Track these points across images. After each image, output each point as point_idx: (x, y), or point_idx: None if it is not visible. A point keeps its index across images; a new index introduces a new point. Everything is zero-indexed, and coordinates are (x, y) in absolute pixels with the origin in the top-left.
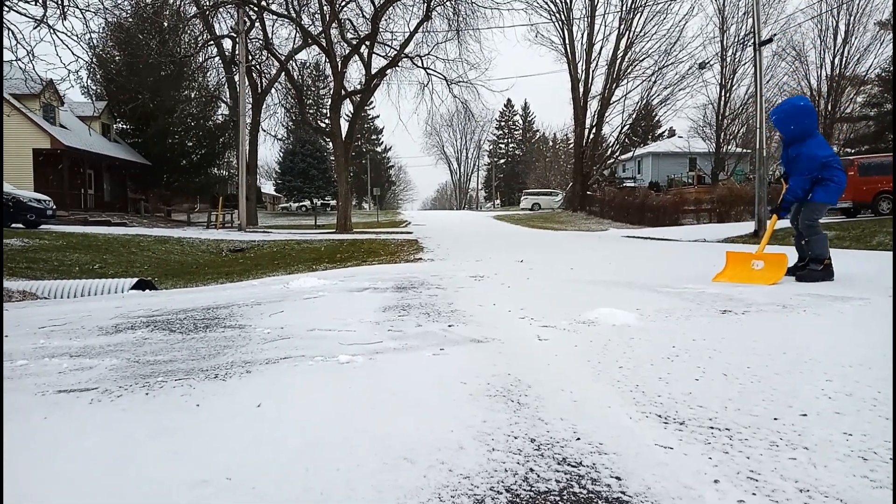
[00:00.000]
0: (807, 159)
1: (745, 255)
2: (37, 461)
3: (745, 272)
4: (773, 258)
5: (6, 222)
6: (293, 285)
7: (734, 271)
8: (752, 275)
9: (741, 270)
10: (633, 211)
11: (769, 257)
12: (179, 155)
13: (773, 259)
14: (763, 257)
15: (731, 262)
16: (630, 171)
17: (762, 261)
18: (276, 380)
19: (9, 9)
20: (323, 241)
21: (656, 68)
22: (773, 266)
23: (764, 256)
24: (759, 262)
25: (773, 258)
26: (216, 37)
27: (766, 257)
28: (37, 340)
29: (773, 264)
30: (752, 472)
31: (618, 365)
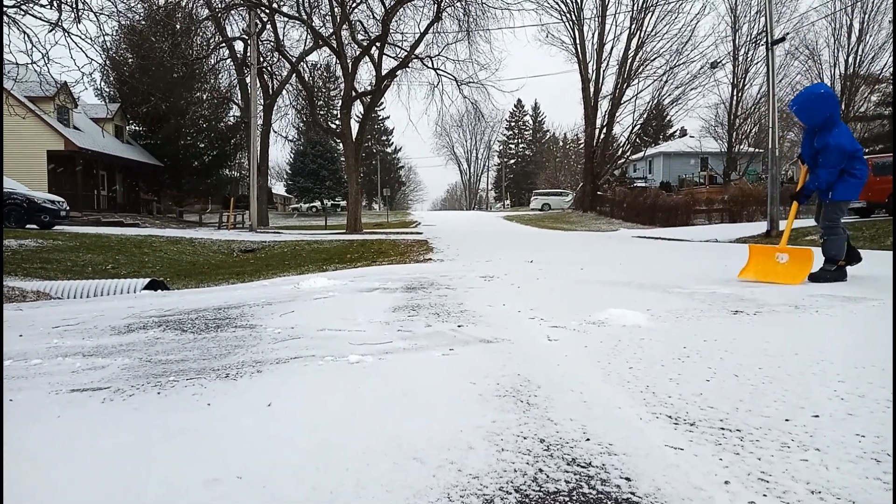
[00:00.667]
0: (835, 151)
1: (768, 248)
2: (51, 459)
3: (770, 266)
4: (798, 253)
5: (21, 223)
6: (304, 285)
7: (758, 266)
8: (777, 269)
9: (766, 265)
10: (644, 211)
11: (794, 252)
12: (191, 156)
13: (799, 254)
14: (787, 251)
15: (755, 256)
16: (641, 171)
17: (787, 254)
18: (286, 379)
19: (24, 13)
20: (333, 241)
21: (668, 68)
22: (799, 261)
23: (788, 250)
24: (784, 256)
25: (799, 253)
26: (228, 39)
27: (790, 251)
28: (50, 340)
29: (799, 259)
30: (763, 474)
31: (628, 366)
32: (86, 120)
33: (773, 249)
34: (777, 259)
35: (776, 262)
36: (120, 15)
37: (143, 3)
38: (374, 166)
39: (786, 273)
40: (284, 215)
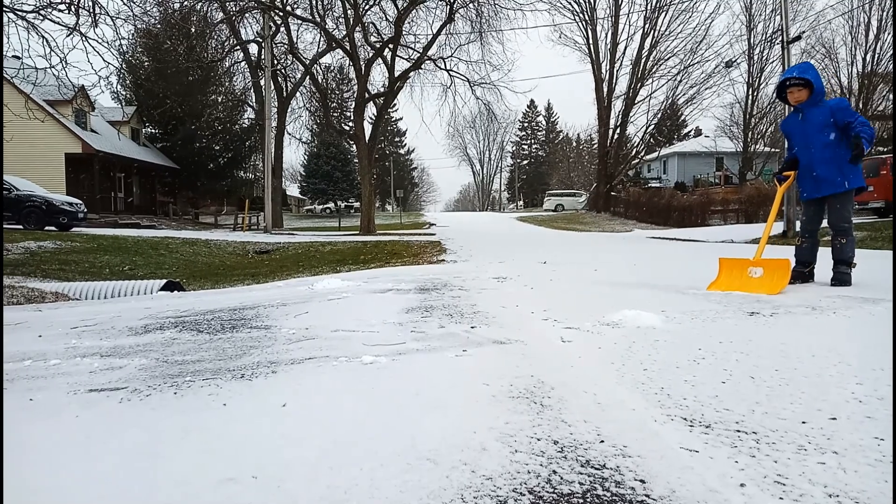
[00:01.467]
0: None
1: (740, 261)
2: (69, 458)
3: (742, 280)
4: (773, 264)
5: (40, 225)
6: (318, 287)
7: (730, 279)
8: (749, 283)
9: (737, 278)
10: (659, 212)
11: (769, 263)
12: (207, 158)
13: (775, 265)
14: (762, 263)
15: (725, 270)
16: (655, 171)
17: (760, 268)
18: (300, 380)
19: (43, 17)
20: (347, 242)
21: (682, 67)
22: (775, 273)
23: (763, 263)
24: (758, 270)
25: (774, 264)
26: (242, 42)
27: (765, 263)
28: (69, 340)
29: (775, 271)
30: (780, 477)
31: (642, 367)
32: (103, 123)
33: (746, 263)
34: (749, 273)
35: (748, 277)
36: (136, 19)
37: (158, 6)
38: (387, 167)
39: (760, 285)
40: (298, 217)
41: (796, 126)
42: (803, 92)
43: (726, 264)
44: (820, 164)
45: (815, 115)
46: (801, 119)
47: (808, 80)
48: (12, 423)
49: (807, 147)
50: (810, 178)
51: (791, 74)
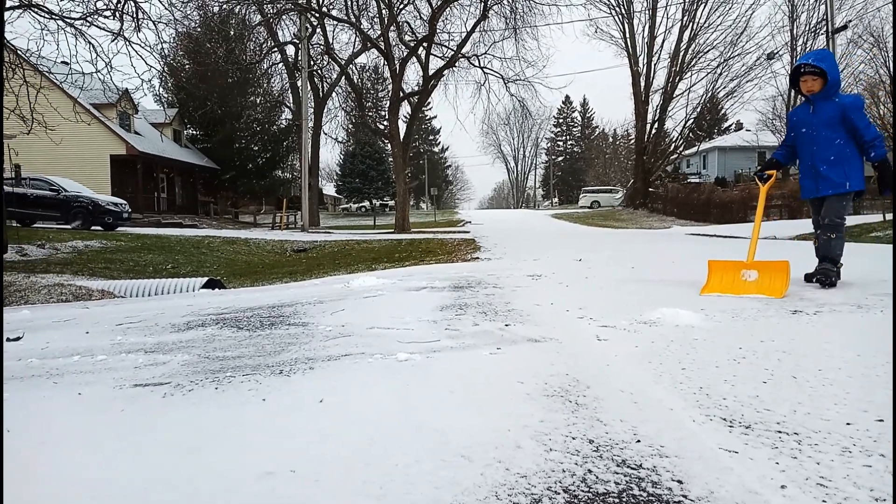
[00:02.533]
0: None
1: (732, 263)
2: (115, 450)
3: (735, 283)
4: (771, 267)
5: (87, 225)
6: (353, 284)
7: (722, 282)
8: (745, 286)
9: (729, 281)
10: (698, 208)
11: (765, 266)
12: (246, 158)
13: (773, 268)
14: (756, 266)
15: (716, 273)
16: (695, 166)
17: (755, 270)
18: (337, 376)
19: (90, 24)
20: (382, 241)
21: (722, 60)
22: (774, 275)
23: (758, 265)
24: (752, 273)
25: (772, 267)
26: (280, 44)
27: (760, 266)
28: (114, 337)
29: (773, 273)
30: (823, 479)
31: (681, 366)
32: (146, 125)
33: (739, 265)
34: (742, 277)
35: (741, 281)
36: (177, 23)
37: (198, 10)
38: (421, 166)
39: (759, 287)
40: (334, 215)
41: (805, 118)
42: (817, 82)
43: (717, 267)
44: (823, 162)
45: (826, 109)
46: (812, 111)
47: (822, 70)
48: (63, 416)
49: (811, 143)
50: (812, 177)
51: (806, 60)
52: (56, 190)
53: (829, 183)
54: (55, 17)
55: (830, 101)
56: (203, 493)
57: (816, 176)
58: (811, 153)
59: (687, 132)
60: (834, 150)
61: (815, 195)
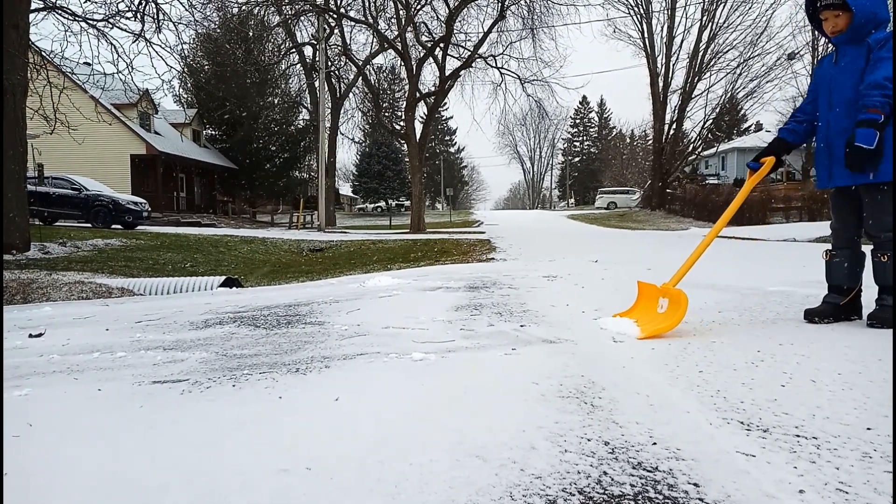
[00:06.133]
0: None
1: (653, 288)
2: (135, 447)
3: (650, 314)
4: (674, 296)
5: (107, 224)
6: (369, 284)
7: (642, 311)
8: (655, 318)
9: (648, 311)
10: (716, 209)
11: (672, 295)
12: (264, 159)
13: (674, 298)
14: (668, 293)
15: (643, 296)
16: (713, 167)
17: (667, 298)
18: (352, 375)
19: (112, 25)
20: (397, 240)
21: (741, 60)
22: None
23: (669, 293)
24: (665, 301)
25: (674, 297)
26: (298, 45)
27: (670, 294)
28: (133, 334)
29: (672, 304)
30: (842, 484)
31: (697, 369)
32: (165, 125)
33: (656, 293)
34: (658, 307)
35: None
36: (197, 24)
37: (218, 11)
38: (437, 166)
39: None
40: (351, 215)
41: (827, 72)
42: (842, 18)
43: (644, 291)
44: (839, 135)
45: (852, 57)
46: (835, 62)
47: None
48: (83, 411)
49: (829, 106)
50: (825, 157)
51: None
52: (77, 189)
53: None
54: (78, 19)
55: (857, 46)
56: (220, 489)
57: (830, 157)
58: (826, 123)
59: (705, 133)
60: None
61: (828, 184)
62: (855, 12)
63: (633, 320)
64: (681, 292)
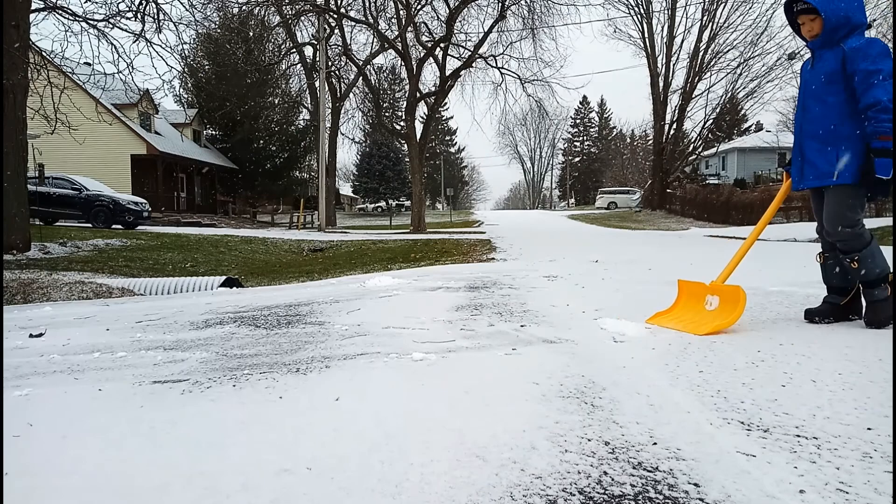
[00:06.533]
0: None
1: (699, 286)
2: (135, 447)
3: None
4: (728, 293)
5: (108, 224)
6: (369, 284)
7: (684, 310)
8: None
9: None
10: (717, 209)
11: (725, 291)
12: (264, 159)
13: (728, 295)
14: (719, 291)
15: (684, 296)
16: (713, 167)
17: (717, 295)
18: (353, 375)
19: (112, 25)
20: (398, 241)
21: (742, 60)
22: (726, 305)
23: (720, 290)
24: (714, 299)
25: (729, 293)
26: (298, 45)
27: (722, 291)
28: (134, 334)
29: (727, 302)
30: (843, 484)
31: (698, 369)
32: (166, 125)
33: (704, 290)
34: (705, 304)
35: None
36: (197, 24)
37: (218, 12)
38: (437, 166)
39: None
40: (351, 215)
41: (803, 78)
42: (816, 23)
43: (686, 290)
44: (810, 137)
45: (825, 60)
46: (811, 66)
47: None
48: (84, 411)
49: (802, 109)
50: (798, 159)
51: None
52: (78, 189)
53: (812, 170)
54: (79, 19)
55: (832, 49)
56: (221, 489)
57: (801, 157)
58: (800, 126)
59: (706, 133)
60: (823, 120)
61: (798, 186)
62: (825, 17)
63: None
64: (738, 288)
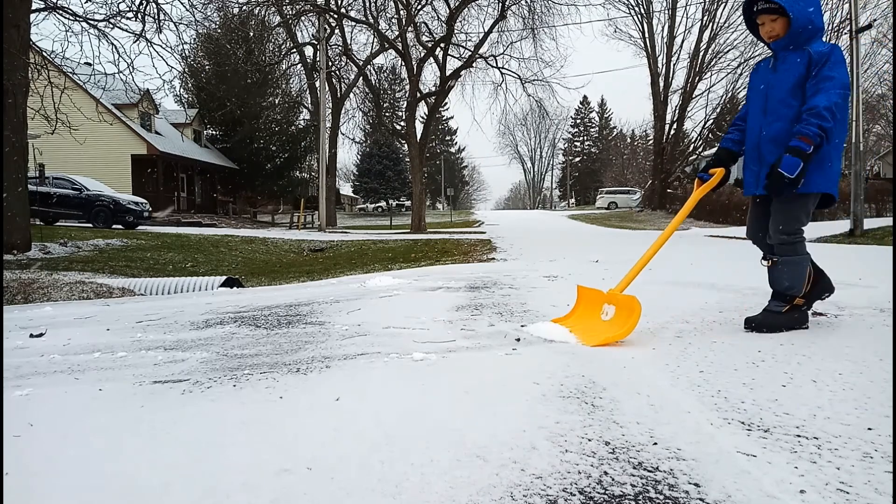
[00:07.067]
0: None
1: (597, 294)
2: (136, 447)
3: (592, 322)
4: (623, 303)
5: (108, 224)
6: (369, 284)
7: (580, 318)
8: (597, 327)
9: (588, 319)
10: (718, 209)
11: (621, 301)
12: (264, 159)
13: (623, 304)
14: (615, 300)
15: (582, 304)
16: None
17: (613, 305)
18: (353, 375)
19: (113, 25)
20: (398, 241)
21: (742, 60)
22: (620, 315)
23: (616, 299)
24: (611, 308)
25: (624, 303)
26: (298, 45)
27: (618, 301)
28: (134, 334)
29: (623, 311)
30: (843, 484)
31: (698, 369)
32: (166, 125)
33: (602, 298)
34: (602, 314)
35: (599, 320)
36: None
37: (218, 12)
38: (438, 166)
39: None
40: (351, 215)
41: (763, 76)
42: (778, 22)
43: (584, 296)
44: (770, 142)
45: (791, 63)
46: (772, 67)
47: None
48: (85, 411)
49: (762, 112)
50: (755, 163)
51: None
52: (78, 189)
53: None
54: (79, 19)
55: (797, 52)
56: (221, 489)
57: (760, 162)
58: (759, 128)
59: (706, 133)
60: (787, 123)
61: (754, 191)
62: (793, 17)
63: (568, 328)
64: (633, 299)
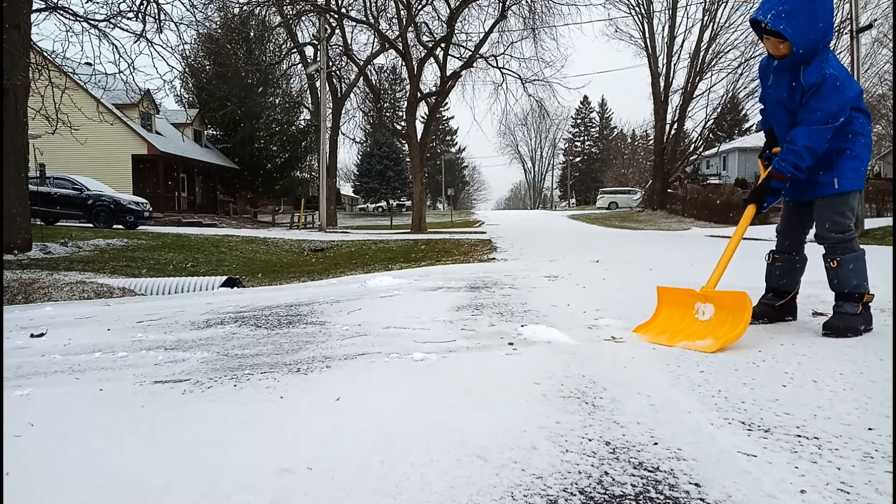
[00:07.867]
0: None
1: (684, 293)
2: (136, 447)
3: (685, 323)
4: (728, 301)
5: (108, 224)
6: (370, 284)
7: (668, 321)
8: (694, 328)
9: (679, 320)
10: (718, 209)
11: (723, 299)
12: (265, 159)
13: (730, 303)
14: (713, 298)
15: (666, 303)
16: (714, 167)
17: (711, 303)
18: (354, 375)
19: (113, 25)
20: (398, 241)
21: (743, 60)
22: (730, 314)
23: (714, 297)
24: (708, 307)
25: (730, 301)
26: (299, 45)
27: (717, 298)
28: (135, 334)
29: (730, 312)
30: (843, 484)
31: (699, 369)
32: (167, 125)
33: (693, 297)
34: (696, 313)
35: (693, 319)
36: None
37: (219, 12)
38: (438, 166)
39: (709, 331)
40: (352, 215)
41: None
42: (784, 45)
43: (667, 297)
44: None
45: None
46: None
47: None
48: (85, 411)
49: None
50: None
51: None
52: (79, 189)
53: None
54: (80, 19)
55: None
56: (221, 488)
57: None
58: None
59: (707, 133)
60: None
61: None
62: (795, 49)
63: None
64: (744, 295)
